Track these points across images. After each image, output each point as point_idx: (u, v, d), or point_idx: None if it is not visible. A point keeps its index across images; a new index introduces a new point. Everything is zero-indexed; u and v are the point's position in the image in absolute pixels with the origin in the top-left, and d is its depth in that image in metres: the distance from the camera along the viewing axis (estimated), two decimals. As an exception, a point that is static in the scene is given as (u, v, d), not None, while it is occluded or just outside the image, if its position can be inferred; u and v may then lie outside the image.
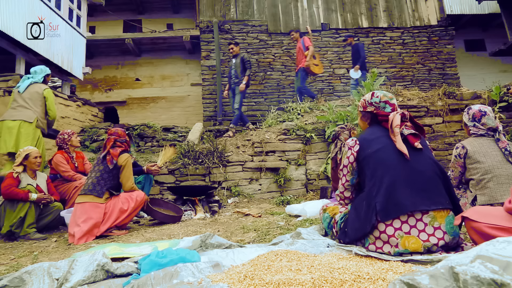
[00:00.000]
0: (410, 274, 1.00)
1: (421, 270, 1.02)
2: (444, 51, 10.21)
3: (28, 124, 4.79)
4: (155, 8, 13.10)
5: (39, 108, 4.95)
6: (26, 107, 4.87)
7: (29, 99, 4.90)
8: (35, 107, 4.91)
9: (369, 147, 2.18)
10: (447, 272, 0.95)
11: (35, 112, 4.89)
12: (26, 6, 7.25)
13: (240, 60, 7.60)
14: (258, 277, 1.62)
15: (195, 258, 2.03)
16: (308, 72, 7.95)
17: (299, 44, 8.09)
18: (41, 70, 5.22)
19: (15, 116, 4.79)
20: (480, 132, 3.00)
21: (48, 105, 5.02)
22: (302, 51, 7.96)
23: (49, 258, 2.87)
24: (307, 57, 7.76)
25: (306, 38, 8.01)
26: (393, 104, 2.29)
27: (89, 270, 1.94)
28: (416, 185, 2.02)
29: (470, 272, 0.92)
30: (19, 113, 4.81)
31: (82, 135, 8.05)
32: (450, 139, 6.43)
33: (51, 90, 5.23)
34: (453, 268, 0.94)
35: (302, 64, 7.87)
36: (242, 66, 7.57)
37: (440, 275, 0.95)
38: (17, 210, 3.77)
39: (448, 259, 1.05)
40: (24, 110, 4.84)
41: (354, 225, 2.13)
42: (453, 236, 1.99)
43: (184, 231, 3.53)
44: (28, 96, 4.91)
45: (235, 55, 7.83)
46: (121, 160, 3.80)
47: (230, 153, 6.04)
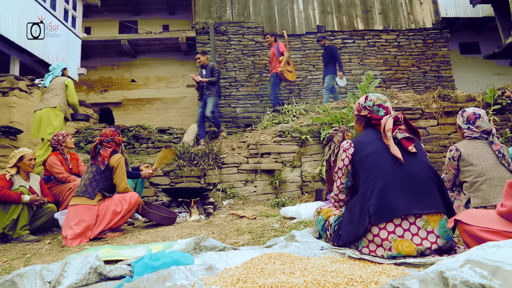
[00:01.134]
0: (400, 278, 1.01)
1: (412, 275, 1.03)
2: (439, 54, 10.26)
3: (51, 109, 5.47)
4: (151, 9, 13.07)
5: (62, 94, 5.64)
6: (51, 96, 5.57)
7: (53, 90, 5.62)
8: (58, 95, 5.59)
9: (363, 150, 2.18)
10: (436, 277, 0.95)
11: (59, 99, 5.57)
12: (21, 7, 7.22)
13: (210, 70, 7.23)
14: (251, 280, 1.62)
15: (188, 260, 2.02)
16: (281, 78, 7.79)
17: (273, 49, 7.92)
18: (58, 66, 5.93)
19: (40, 106, 5.58)
20: (474, 135, 3.01)
21: (68, 92, 5.69)
22: (276, 56, 7.81)
23: (42, 260, 2.85)
24: (281, 63, 7.61)
25: (281, 43, 7.89)
26: (387, 107, 2.30)
27: (81, 273, 1.93)
28: (410, 189, 2.02)
29: (459, 277, 0.92)
30: (44, 103, 5.55)
31: (76, 136, 8.02)
32: (445, 141, 6.46)
33: (72, 80, 5.85)
34: (443, 273, 0.95)
35: (276, 70, 7.72)
36: (211, 76, 7.18)
37: (430, 280, 0.95)
38: (10, 212, 3.74)
39: (438, 264, 1.05)
40: (49, 99, 5.55)
41: (347, 228, 2.13)
42: (446, 240, 1.99)
43: (178, 233, 3.52)
44: (52, 87, 5.64)
45: (204, 66, 7.40)
46: (113, 161, 3.78)
47: (225, 155, 6.03)
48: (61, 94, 5.62)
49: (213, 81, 7.10)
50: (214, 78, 7.11)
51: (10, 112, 6.55)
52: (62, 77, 5.81)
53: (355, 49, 10.16)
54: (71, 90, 5.70)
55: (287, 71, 7.71)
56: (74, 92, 5.76)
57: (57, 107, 5.50)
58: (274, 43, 8.01)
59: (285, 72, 7.63)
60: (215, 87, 7.15)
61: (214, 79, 7.11)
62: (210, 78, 7.12)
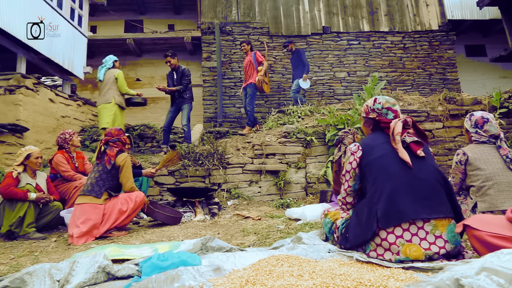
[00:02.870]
0: (414, 284, 1.01)
1: (426, 281, 1.02)
2: (444, 56, 10.23)
3: (108, 104, 6.22)
4: (157, 9, 13.10)
5: (114, 87, 6.32)
6: (106, 91, 6.29)
7: (106, 84, 6.31)
8: (111, 89, 6.29)
9: (371, 154, 2.17)
10: (452, 284, 0.95)
11: (112, 93, 6.26)
12: (28, 5, 7.24)
13: (181, 74, 6.84)
14: (259, 282, 1.62)
15: (196, 261, 2.03)
16: (258, 89, 7.41)
17: (250, 58, 7.45)
18: (109, 58, 6.54)
19: (99, 102, 6.34)
20: (482, 139, 3.00)
21: (119, 83, 6.34)
22: (253, 65, 7.37)
23: (49, 258, 2.87)
24: (260, 72, 7.20)
25: (258, 52, 7.50)
26: (396, 110, 2.29)
27: (90, 272, 1.94)
28: (418, 193, 2.01)
29: (476, 285, 0.92)
30: (101, 98, 6.30)
31: (82, 135, 8.06)
32: (450, 144, 6.44)
33: (121, 72, 6.48)
34: (459, 280, 0.94)
35: (253, 80, 7.28)
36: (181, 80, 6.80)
37: (446, 287, 0.95)
38: (16, 209, 3.77)
39: (452, 270, 1.05)
40: (105, 95, 6.28)
41: (355, 231, 2.13)
42: (454, 245, 1.98)
43: (184, 233, 3.53)
44: (106, 81, 6.33)
45: (175, 68, 6.91)
46: (119, 160, 3.80)
47: (230, 155, 6.04)
48: (113, 87, 6.30)
49: (183, 89, 6.74)
50: (181, 87, 6.72)
51: (16, 110, 6.57)
52: (113, 69, 6.45)
53: (360, 50, 10.13)
54: (121, 81, 6.34)
55: (264, 82, 7.34)
56: (123, 82, 6.40)
57: (112, 102, 6.21)
58: (251, 52, 7.56)
59: (262, 83, 7.26)
60: (188, 92, 6.81)
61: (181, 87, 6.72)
62: (179, 84, 6.77)
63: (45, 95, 7.47)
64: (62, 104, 8.19)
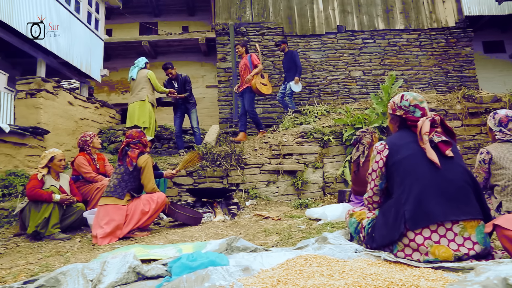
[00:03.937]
0: (458, 283, 1.01)
1: (472, 280, 1.02)
2: (462, 53, 10.07)
3: (142, 102, 6.44)
4: (171, 11, 13.21)
5: (147, 86, 6.55)
6: (139, 90, 6.51)
7: (139, 83, 6.54)
8: (144, 88, 6.51)
9: (398, 153, 2.15)
10: (500, 284, 0.95)
11: (146, 92, 6.49)
12: (46, 10, 7.40)
13: (182, 82, 7.09)
14: (291, 282, 1.63)
15: (224, 261, 2.05)
16: (255, 92, 7.09)
17: (245, 61, 7.17)
18: (142, 59, 6.83)
19: (133, 100, 6.53)
20: (506, 137, 2.97)
21: (152, 82, 6.59)
22: (248, 68, 7.10)
23: (76, 258, 2.93)
24: (251, 73, 6.93)
25: (254, 55, 7.20)
26: (423, 108, 2.24)
27: (121, 272, 1.98)
28: (446, 195, 1.99)
29: (526, 284, 0.92)
30: (135, 97, 6.50)
31: (100, 137, 8.17)
32: (469, 143, 6.36)
33: (152, 72, 6.71)
34: (507, 280, 0.94)
35: (249, 83, 7.05)
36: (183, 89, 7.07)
37: (494, 286, 0.95)
38: (42, 210, 3.86)
39: (496, 270, 1.05)
40: (138, 93, 6.50)
41: (382, 231, 2.12)
42: (484, 246, 1.95)
43: (205, 233, 3.56)
44: (138, 81, 6.56)
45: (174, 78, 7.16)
46: (141, 161, 3.85)
47: (248, 155, 6.06)
48: (146, 86, 6.54)
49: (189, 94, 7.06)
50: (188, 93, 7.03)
51: (37, 113, 6.71)
52: (144, 69, 6.69)
53: (376, 49, 10.06)
54: (154, 80, 6.61)
55: (261, 84, 7.09)
56: (156, 81, 6.66)
57: (145, 99, 6.43)
58: (246, 54, 7.28)
59: (258, 85, 6.97)
60: (192, 97, 7.14)
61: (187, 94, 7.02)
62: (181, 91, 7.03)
63: (64, 98, 7.60)
64: (81, 106, 8.33)
